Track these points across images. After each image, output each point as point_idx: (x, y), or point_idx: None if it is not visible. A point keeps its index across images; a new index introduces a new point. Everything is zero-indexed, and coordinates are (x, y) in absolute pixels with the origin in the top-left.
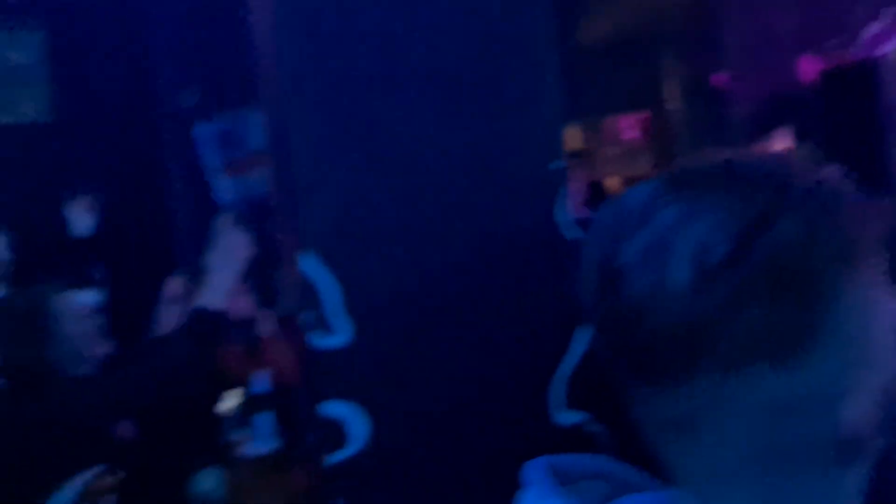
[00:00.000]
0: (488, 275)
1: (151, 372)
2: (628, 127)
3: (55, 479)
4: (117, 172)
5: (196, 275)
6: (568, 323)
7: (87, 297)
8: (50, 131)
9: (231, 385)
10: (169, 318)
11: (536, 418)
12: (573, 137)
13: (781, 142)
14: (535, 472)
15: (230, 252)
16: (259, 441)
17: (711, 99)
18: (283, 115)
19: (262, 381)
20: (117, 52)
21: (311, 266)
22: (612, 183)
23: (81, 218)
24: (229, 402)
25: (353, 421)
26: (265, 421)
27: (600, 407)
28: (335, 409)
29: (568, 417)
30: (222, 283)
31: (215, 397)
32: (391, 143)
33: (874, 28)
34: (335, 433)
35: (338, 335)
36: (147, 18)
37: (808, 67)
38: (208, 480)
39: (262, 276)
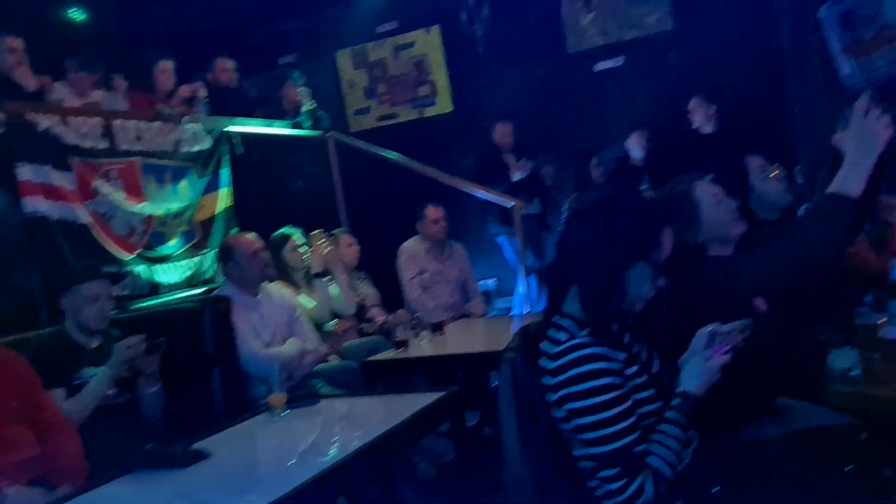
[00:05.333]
0: None
1: (783, 253)
2: None
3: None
4: (731, 69)
5: (824, 159)
6: None
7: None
8: (671, 40)
9: (862, 273)
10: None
11: None
12: None
13: None
14: None
15: (868, 136)
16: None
17: None
18: None
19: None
20: None
21: None
22: None
23: (700, 116)
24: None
25: None
26: None
27: None
28: None
29: None
30: (861, 168)
31: (848, 281)
32: None
33: None
34: None
35: None
36: None
37: None
38: (845, 359)
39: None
